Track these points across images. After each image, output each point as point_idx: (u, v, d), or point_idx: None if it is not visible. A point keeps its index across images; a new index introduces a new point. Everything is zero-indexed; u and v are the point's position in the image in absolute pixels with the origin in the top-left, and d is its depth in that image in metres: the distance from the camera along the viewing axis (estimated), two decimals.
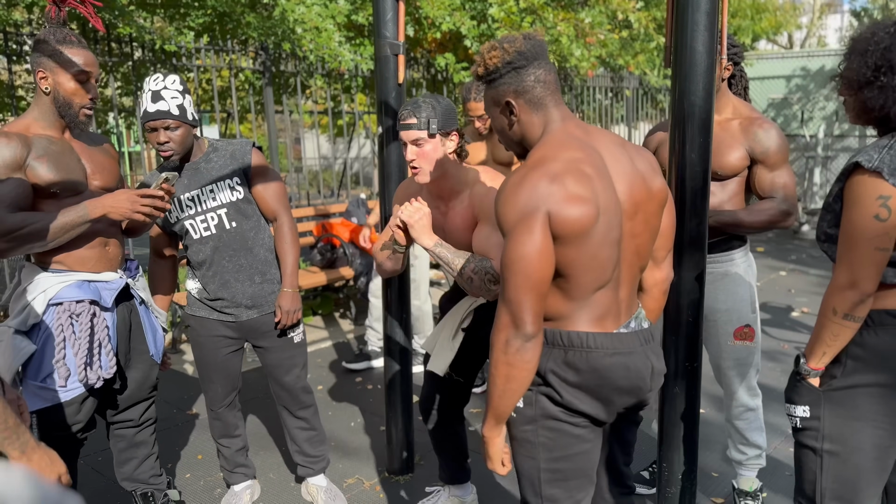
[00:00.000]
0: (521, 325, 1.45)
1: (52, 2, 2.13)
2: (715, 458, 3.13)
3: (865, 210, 1.54)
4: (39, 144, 2.07)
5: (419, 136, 2.11)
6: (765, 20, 11.36)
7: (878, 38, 1.60)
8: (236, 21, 5.69)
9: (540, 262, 1.44)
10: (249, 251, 2.54)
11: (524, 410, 1.62)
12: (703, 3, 2.01)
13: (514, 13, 5.96)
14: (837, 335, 1.63)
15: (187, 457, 3.28)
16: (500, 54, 1.56)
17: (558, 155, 1.50)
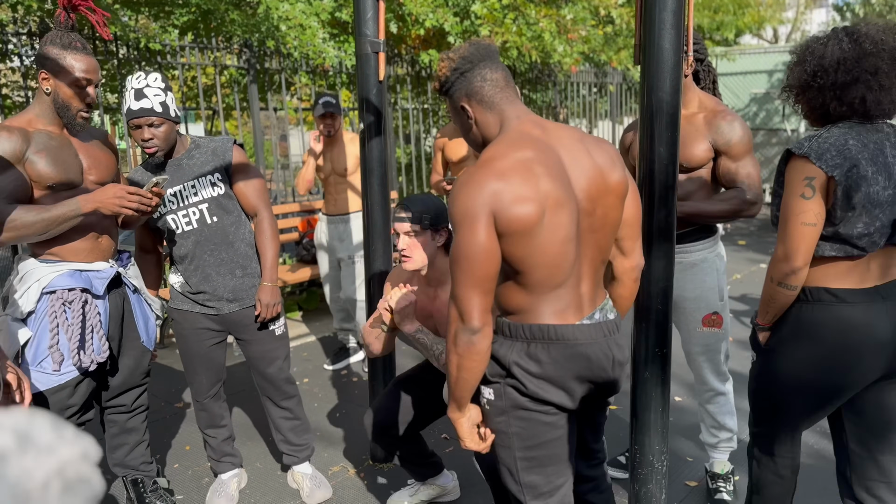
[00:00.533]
0: (467, 319, 1.53)
1: (63, 7, 2.19)
2: (689, 444, 3.22)
3: (794, 190, 1.78)
4: (39, 139, 2.14)
5: (411, 228, 2.25)
6: (748, 15, 11.45)
7: (813, 49, 1.86)
8: (220, 19, 5.72)
9: (483, 260, 1.50)
10: (230, 245, 2.61)
11: (495, 402, 1.68)
12: (669, 3, 2.09)
13: (496, 9, 6.03)
14: (774, 299, 1.89)
15: (175, 448, 3.34)
16: (447, 64, 1.65)
17: (508, 153, 1.55)
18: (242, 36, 5.63)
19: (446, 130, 3.89)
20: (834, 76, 1.79)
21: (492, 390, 1.68)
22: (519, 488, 1.73)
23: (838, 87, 1.79)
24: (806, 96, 1.88)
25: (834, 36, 1.83)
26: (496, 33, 6.09)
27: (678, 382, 3.91)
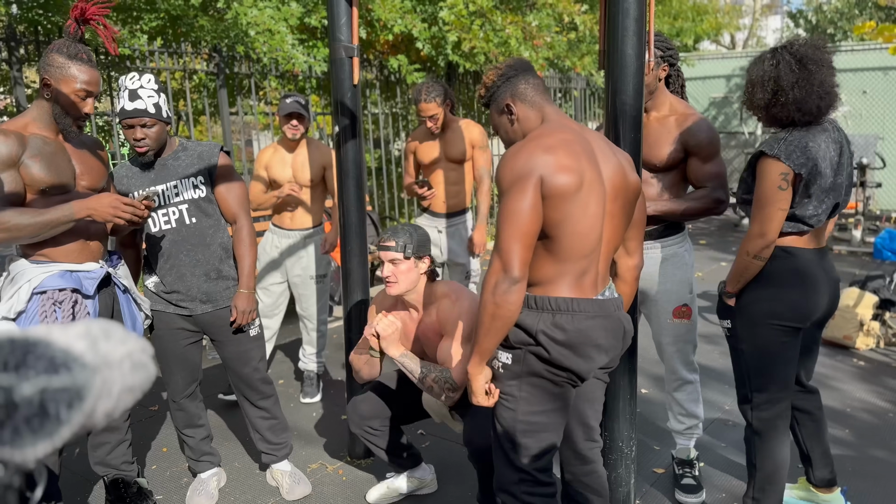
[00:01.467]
0: (509, 269, 1.71)
1: (75, 18, 2.25)
2: (657, 434, 3.35)
3: (772, 183, 2.18)
4: (35, 144, 2.18)
5: (395, 256, 2.38)
6: (706, 22, 11.77)
7: (766, 72, 2.22)
8: (189, 24, 5.73)
9: (530, 217, 1.71)
10: (207, 247, 2.65)
11: (512, 367, 1.86)
12: (631, 11, 2.21)
13: (463, 16, 6.14)
14: (748, 269, 2.28)
15: (152, 450, 3.37)
16: (494, 73, 1.94)
17: (553, 134, 1.80)
18: (211, 41, 5.65)
19: (417, 134, 3.98)
20: (792, 94, 2.18)
21: (511, 355, 1.86)
22: (512, 447, 1.90)
23: (798, 102, 2.19)
24: (771, 112, 2.26)
25: (782, 59, 2.21)
26: (464, 39, 6.20)
27: (644, 375, 4.05)
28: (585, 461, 2.11)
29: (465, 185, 3.96)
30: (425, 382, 2.36)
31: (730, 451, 3.16)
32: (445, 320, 2.42)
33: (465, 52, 6.40)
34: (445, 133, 3.85)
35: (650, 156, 2.69)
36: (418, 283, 2.45)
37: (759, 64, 2.26)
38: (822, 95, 2.18)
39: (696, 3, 12.17)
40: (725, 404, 3.67)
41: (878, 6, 14.14)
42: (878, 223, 8.80)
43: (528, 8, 7.43)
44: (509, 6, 7.06)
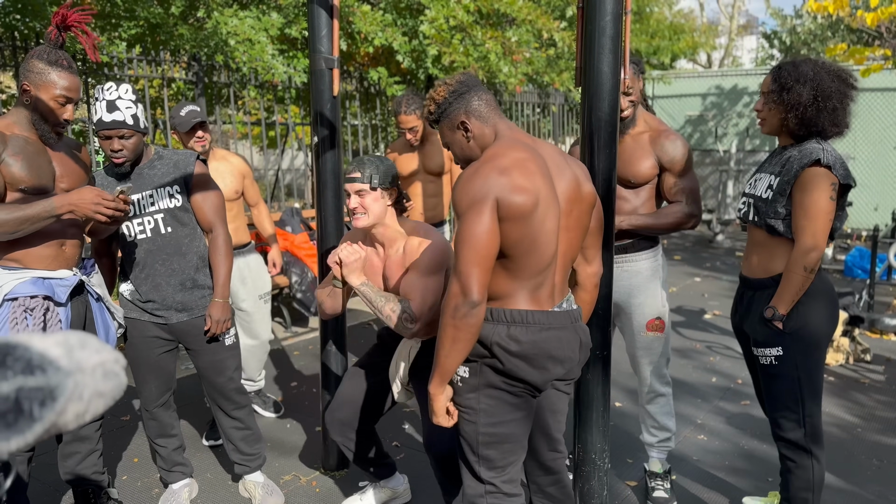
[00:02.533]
0: (468, 293, 1.70)
1: (56, 25, 2.24)
2: (629, 447, 3.38)
3: (823, 193, 2.15)
4: (16, 143, 2.17)
5: (361, 187, 2.35)
6: (683, 41, 11.97)
7: (804, 72, 2.20)
8: (169, 33, 5.72)
9: (487, 240, 1.71)
10: (182, 256, 2.64)
11: (469, 380, 1.87)
12: (607, 29, 2.25)
13: (444, 30, 6.19)
14: (804, 286, 2.20)
15: (123, 460, 3.32)
16: (444, 88, 1.91)
17: (507, 153, 1.79)
18: (191, 50, 5.64)
19: (396, 145, 4.00)
20: (831, 102, 2.18)
21: (467, 368, 1.86)
22: (476, 459, 1.91)
23: (835, 112, 2.20)
24: (806, 115, 2.20)
25: (821, 69, 2.21)
26: (444, 53, 6.24)
27: (618, 388, 4.08)
28: (550, 472, 2.13)
29: (443, 197, 3.98)
30: (384, 312, 2.31)
31: (702, 464, 3.19)
32: (412, 256, 2.39)
33: (445, 65, 6.44)
34: (424, 146, 3.88)
35: (626, 172, 2.74)
36: (386, 216, 2.41)
37: (801, 66, 2.23)
38: (849, 113, 2.24)
39: (673, 22, 12.38)
40: (698, 418, 3.71)
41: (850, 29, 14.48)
42: (849, 241, 8.97)
43: (508, 23, 7.51)
44: (489, 21, 7.14)
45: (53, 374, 0.62)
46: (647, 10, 11.63)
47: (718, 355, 4.76)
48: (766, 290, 2.31)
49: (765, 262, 2.33)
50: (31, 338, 0.64)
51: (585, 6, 2.27)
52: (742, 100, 10.65)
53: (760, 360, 2.33)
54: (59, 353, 0.64)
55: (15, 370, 0.60)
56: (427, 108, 1.95)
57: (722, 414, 3.77)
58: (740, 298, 2.47)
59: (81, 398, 0.63)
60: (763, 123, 2.34)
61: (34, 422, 0.60)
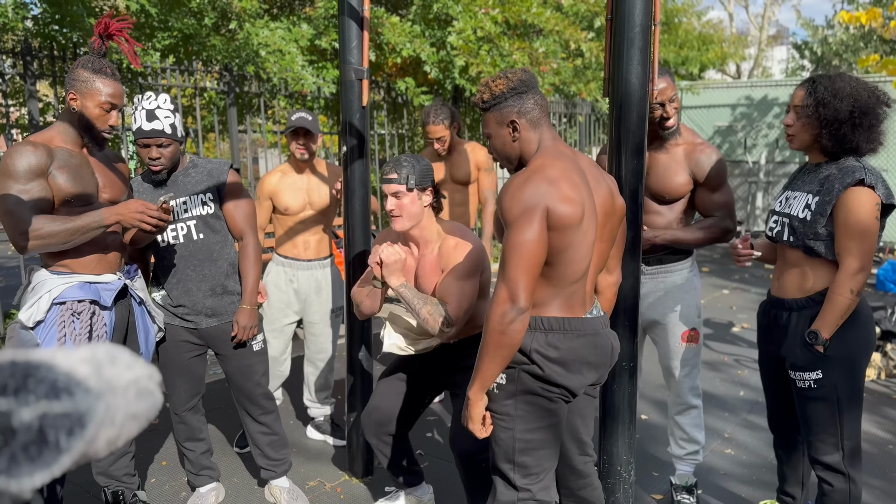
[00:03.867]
0: (516, 299, 1.73)
1: (99, 34, 2.32)
2: (655, 460, 3.35)
3: (869, 214, 2.10)
4: (61, 156, 2.24)
5: (399, 189, 2.37)
6: (711, 51, 11.89)
7: (840, 88, 2.14)
8: (202, 43, 5.82)
9: (537, 248, 1.74)
10: (213, 263, 2.69)
11: (506, 386, 1.89)
12: (636, 41, 2.26)
13: (471, 41, 6.22)
14: (850, 309, 2.13)
15: (152, 463, 3.37)
16: (504, 82, 1.89)
17: (554, 164, 1.82)
18: (223, 61, 5.73)
19: (424, 155, 4.02)
20: (868, 119, 2.13)
21: (504, 375, 1.89)
22: (511, 466, 1.93)
23: (871, 129, 2.15)
24: (840, 131, 2.14)
25: (858, 84, 2.15)
26: (471, 64, 6.28)
27: (644, 400, 4.05)
28: (581, 475, 2.15)
29: (470, 206, 3.99)
30: (421, 314, 2.32)
31: (729, 478, 3.16)
32: (448, 257, 2.40)
33: (471, 76, 6.47)
34: (451, 155, 3.90)
35: (660, 187, 2.71)
36: (423, 217, 2.42)
37: (837, 81, 2.16)
38: (883, 131, 2.18)
39: (701, 32, 12.30)
40: (725, 431, 3.67)
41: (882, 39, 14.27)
42: (881, 255, 8.82)
43: (536, 34, 7.52)
44: (517, 32, 7.16)
45: (82, 397, 0.54)
46: (676, 20, 11.58)
47: (747, 368, 4.70)
48: (804, 311, 2.23)
49: (800, 281, 2.25)
50: (54, 355, 0.56)
51: (614, 18, 2.28)
52: (772, 111, 10.54)
53: (797, 384, 2.25)
54: (88, 371, 0.56)
55: (38, 394, 0.52)
56: (481, 95, 1.94)
57: (750, 427, 3.72)
58: (774, 321, 2.36)
59: (113, 422, 0.56)
60: (793, 139, 2.25)
61: (61, 453, 0.52)
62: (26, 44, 4.64)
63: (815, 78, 2.21)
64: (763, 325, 2.44)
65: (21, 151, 2.16)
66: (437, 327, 2.31)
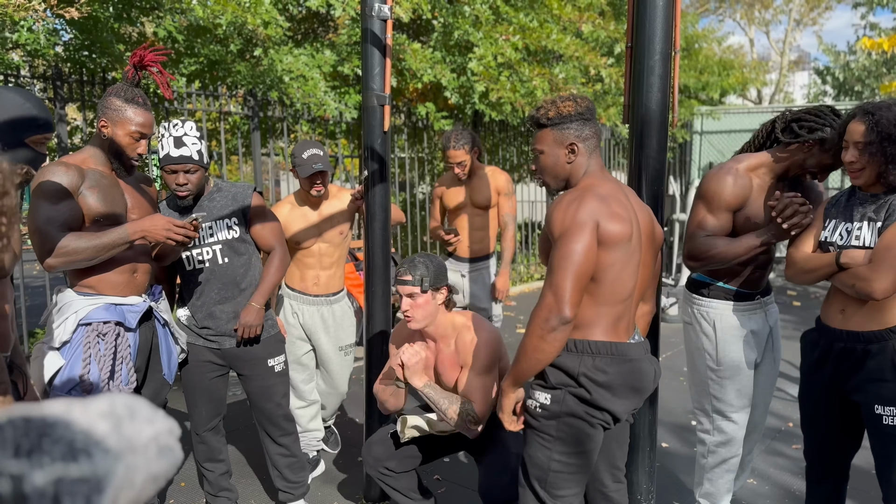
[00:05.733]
0: (561, 307, 1.76)
1: (133, 65, 2.39)
2: (676, 489, 3.31)
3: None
4: (93, 177, 2.30)
5: (413, 290, 2.41)
6: (732, 76, 11.88)
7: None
8: (227, 69, 5.94)
9: (586, 258, 1.78)
10: (237, 286, 2.73)
11: (550, 406, 1.91)
12: (656, 68, 2.28)
13: (492, 67, 6.29)
14: None
15: (171, 484, 3.38)
16: (573, 105, 1.95)
17: (602, 185, 1.91)
18: (247, 86, 5.84)
19: (444, 179, 4.06)
20: None
21: (549, 395, 1.90)
22: (543, 486, 1.95)
23: None
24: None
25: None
26: (491, 89, 6.33)
27: (664, 428, 4.00)
28: (612, 502, 2.15)
29: (490, 230, 4.01)
30: (448, 413, 2.37)
31: None
32: (465, 351, 2.44)
33: (491, 101, 6.53)
34: (472, 179, 3.93)
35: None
36: (437, 315, 2.47)
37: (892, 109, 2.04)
38: None
39: (722, 58, 12.31)
40: None
41: None
42: None
43: (556, 60, 7.58)
44: (537, 58, 7.22)
45: (101, 458, 0.50)
46: (696, 45, 11.60)
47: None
48: (882, 343, 2.12)
49: (874, 314, 2.12)
50: (71, 409, 0.52)
51: (634, 45, 2.30)
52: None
53: (884, 420, 2.11)
54: (107, 428, 0.52)
55: (53, 455, 0.48)
56: (546, 112, 1.97)
57: (774, 456, 3.66)
58: (842, 354, 2.21)
59: (133, 485, 0.52)
60: (858, 175, 2.11)
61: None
62: (56, 69, 4.76)
63: (871, 110, 2.06)
64: (817, 357, 2.31)
65: (54, 171, 2.21)
66: (462, 425, 2.36)
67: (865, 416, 2.18)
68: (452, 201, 3.97)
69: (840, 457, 2.41)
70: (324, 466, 3.56)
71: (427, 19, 6.52)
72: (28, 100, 2.01)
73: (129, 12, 5.30)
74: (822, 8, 23.47)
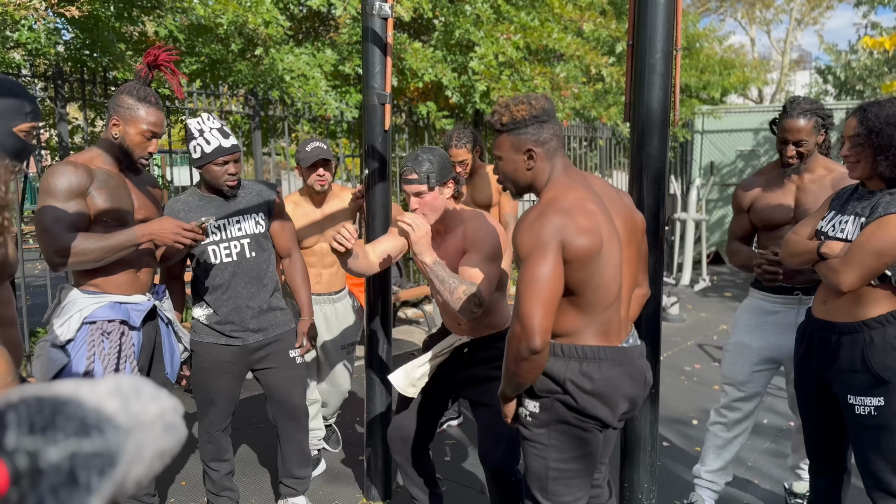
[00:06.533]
0: (529, 338, 1.69)
1: (147, 64, 2.38)
2: (677, 487, 3.30)
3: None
4: (101, 177, 2.30)
5: (420, 188, 2.39)
6: (733, 76, 11.87)
7: (891, 113, 2.07)
8: (228, 69, 5.93)
9: (551, 282, 1.70)
10: (260, 281, 2.75)
11: (539, 415, 1.86)
12: (658, 66, 2.27)
13: (493, 66, 6.28)
14: None
15: (171, 483, 3.39)
16: (527, 108, 1.85)
17: (567, 195, 1.79)
18: (248, 85, 5.84)
19: None
20: None
21: (538, 404, 1.86)
22: (544, 495, 1.90)
23: None
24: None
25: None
26: (492, 88, 6.33)
27: (665, 427, 4.00)
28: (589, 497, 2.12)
29: None
30: (455, 293, 2.27)
31: None
32: (473, 238, 2.40)
33: (492, 100, 6.52)
34: (473, 178, 3.92)
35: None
36: (444, 210, 2.44)
37: (887, 106, 2.11)
38: None
39: (723, 57, 12.30)
40: (749, 460, 3.60)
41: None
42: None
43: (557, 59, 7.58)
44: (538, 57, 7.21)
45: (112, 434, 0.52)
46: (697, 45, 11.59)
47: (770, 395, 4.62)
48: (854, 335, 2.17)
49: (851, 305, 2.18)
50: (79, 389, 0.53)
51: (636, 43, 2.30)
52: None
53: (856, 410, 2.18)
54: (116, 406, 0.53)
55: (66, 431, 0.50)
56: (500, 117, 1.88)
57: (775, 456, 3.66)
58: (820, 344, 2.29)
59: (142, 460, 0.54)
60: (854, 168, 2.20)
61: (91, 494, 0.49)
62: (57, 68, 4.76)
63: (864, 106, 2.16)
64: (804, 348, 2.38)
65: (62, 171, 2.21)
66: (466, 307, 2.27)
67: (842, 407, 2.24)
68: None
69: (834, 448, 2.43)
70: (325, 465, 3.56)
71: (428, 18, 6.51)
72: (13, 87, 1.93)
73: (130, 11, 5.29)
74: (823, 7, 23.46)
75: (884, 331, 2.11)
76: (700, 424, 4.07)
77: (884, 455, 2.14)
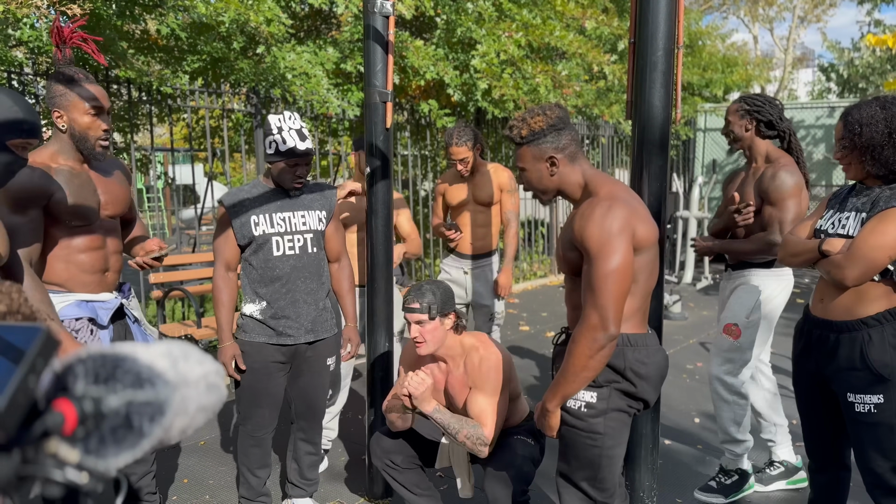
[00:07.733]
0: (608, 326, 1.78)
1: (56, 45, 2.25)
2: (678, 485, 3.30)
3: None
4: (62, 176, 2.20)
5: (421, 318, 2.43)
6: (736, 74, 11.86)
7: (875, 112, 2.10)
8: (230, 66, 5.94)
9: (627, 272, 1.80)
10: (317, 277, 2.75)
11: (596, 405, 1.93)
12: (659, 64, 2.27)
13: (494, 64, 6.28)
14: None
15: (173, 482, 3.39)
16: (543, 119, 1.94)
17: (619, 188, 1.92)
18: (250, 83, 5.84)
19: (447, 176, 4.06)
20: None
21: (596, 394, 1.92)
22: (593, 483, 1.98)
23: None
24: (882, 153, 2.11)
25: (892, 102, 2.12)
26: (494, 86, 6.33)
27: (667, 426, 4.00)
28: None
29: (493, 227, 4.00)
30: (458, 437, 2.39)
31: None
32: (474, 373, 2.46)
33: (494, 98, 6.52)
34: (474, 176, 3.92)
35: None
36: (445, 339, 2.49)
37: (865, 108, 2.15)
38: None
39: (726, 55, 12.28)
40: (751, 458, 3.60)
41: None
42: None
43: (559, 57, 7.57)
44: (540, 55, 7.21)
45: (162, 387, 0.60)
46: (700, 43, 11.58)
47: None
48: (852, 333, 2.17)
49: (849, 303, 2.18)
50: (136, 348, 0.62)
51: (637, 41, 2.30)
52: (798, 133, 10.45)
53: (856, 408, 2.17)
54: (166, 364, 0.62)
55: (124, 383, 0.60)
56: (518, 130, 1.97)
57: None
58: (818, 342, 2.28)
59: (187, 412, 0.62)
60: (847, 170, 2.23)
61: (143, 437, 0.59)
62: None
63: (848, 109, 2.20)
64: (802, 346, 2.38)
65: (18, 175, 2.07)
66: (473, 447, 2.39)
67: (842, 405, 2.24)
68: (455, 198, 3.97)
69: (833, 445, 2.43)
70: (327, 462, 3.57)
71: (430, 16, 6.51)
72: (17, 103, 1.90)
73: (131, 10, 5.30)
74: (826, 5, 23.41)
75: (882, 328, 2.11)
76: (702, 422, 4.06)
77: (884, 452, 2.14)
